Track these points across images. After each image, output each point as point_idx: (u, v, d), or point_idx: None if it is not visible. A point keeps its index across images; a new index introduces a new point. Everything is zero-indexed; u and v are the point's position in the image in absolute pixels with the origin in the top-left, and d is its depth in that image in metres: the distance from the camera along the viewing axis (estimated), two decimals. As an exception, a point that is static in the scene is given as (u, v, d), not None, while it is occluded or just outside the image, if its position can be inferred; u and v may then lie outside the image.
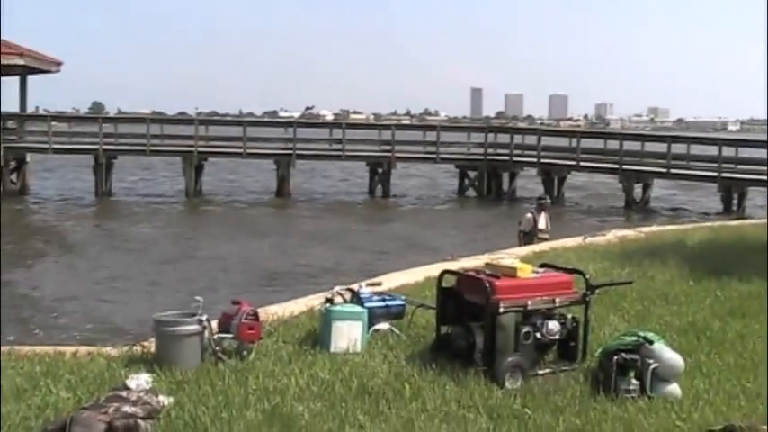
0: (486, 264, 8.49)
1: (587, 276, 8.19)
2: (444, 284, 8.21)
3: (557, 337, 7.80)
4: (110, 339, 10.93)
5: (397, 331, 8.74)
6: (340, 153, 38.22)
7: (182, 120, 53.60)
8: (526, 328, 7.64)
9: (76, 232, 27.09)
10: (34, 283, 18.82)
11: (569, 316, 8.01)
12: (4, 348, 8.43)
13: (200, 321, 7.62)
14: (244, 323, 7.79)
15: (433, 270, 11.83)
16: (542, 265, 8.48)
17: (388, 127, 42.01)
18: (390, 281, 11.13)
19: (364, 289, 9.03)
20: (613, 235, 17.42)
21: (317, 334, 8.52)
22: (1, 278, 17.39)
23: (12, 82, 39.42)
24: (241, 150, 37.68)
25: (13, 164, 36.98)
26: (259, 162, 41.13)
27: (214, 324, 7.89)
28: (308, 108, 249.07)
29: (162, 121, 43.03)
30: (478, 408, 6.77)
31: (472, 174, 39.14)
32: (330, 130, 40.74)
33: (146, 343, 8.31)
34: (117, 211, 33.91)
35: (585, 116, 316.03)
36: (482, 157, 38.50)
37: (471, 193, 38.91)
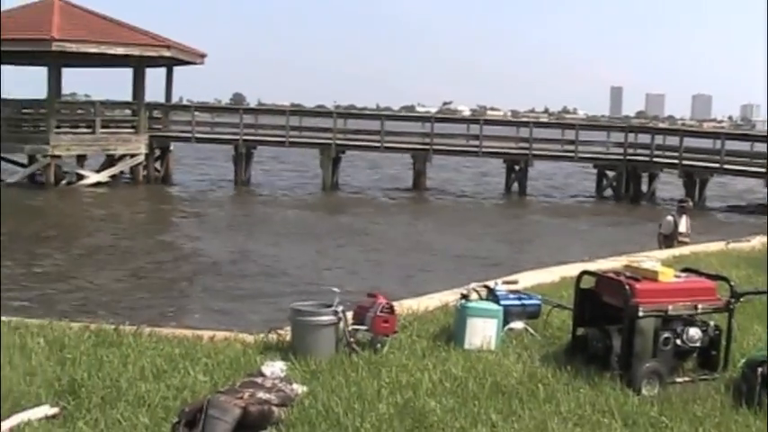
0: (626, 266, 8.31)
1: (732, 283, 7.92)
2: (582, 285, 8.07)
3: (697, 344, 7.57)
4: (244, 326, 11.13)
5: (532, 331, 8.65)
6: (477, 149, 38.04)
7: (320, 112, 54.28)
8: (666, 334, 7.43)
9: (215, 221, 27.72)
10: (173, 266, 19.37)
11: (711, 323, 7.76)
12: (146, 330, 8.69)
13: (335, 312, 7.69)
14: (379, 316, 7.83)
15: (570, 270, 11.66)
16: (684, 270, 8.23)
17: (525, 124, 41.60)
18: (526, 279, 11.00)
19: (500, 286, 8.95)
20: (758, 241, 16.84)
21: (451, 330, 8.49)
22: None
23: (159, 73, 40.72)
24: (378, 144, 37.89)
25: (157, 152, 38.15)
26: (396, 156, 41.46)
27: (349, 315, 7.95)
28: (445, 103, 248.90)
29: (301, 113, 43.70)
30: (613, 413, 6.61)
31: (611, 173, 38.42)
32: (467, 126, 40.58)
33: (281, 331, 8.42)
34: (254, 200, 34.57)
35: (730, 117, 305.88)
36: (621, 157, 37.74)
37: (609, 193, 38.22)
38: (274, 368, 6.83)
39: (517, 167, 38.42)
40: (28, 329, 8.58)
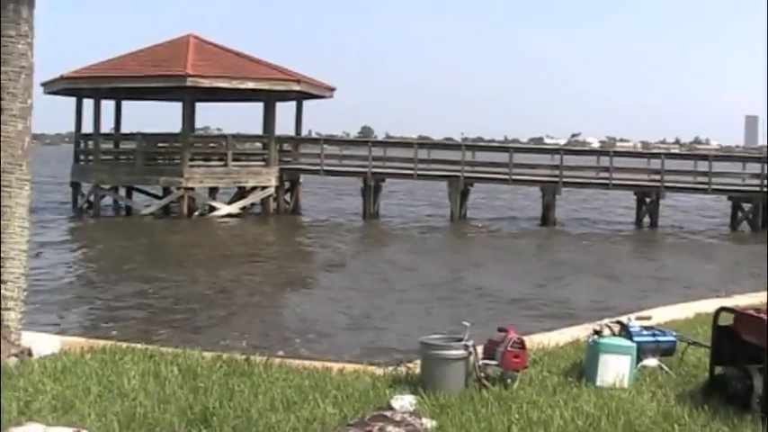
0: None
1: None
2: (720, 322, 7.81)
3: None
4: (374, 358, 11.14)
5: (667, 368, 8.40)
6: (607, 182, 37.44)
7: (448, 145, 54.30)
8: (812, 376, 7.11)
9: (346, 253, 27.92)
10: (304, 298, 19.56)
11: None
12: (276, 360, 8.79)
13: (466, 346, 7.64)
14: (510, 351, 7.73)
15: (705, 306, 11.34)
16: (830, 308, 7.89)
17: (657, 155, 40.80)
18: (660, 315, 10.73)
19: (633, 322, 8.74)
20: None
21: (582, 366, 8.32)
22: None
23: (289, 107, 41.51)
24: (507, 177, 37.65)
25: (287, 184, 38.81)
26: (524, 188, 41.20)
27: (479, 349, 7.88)
28: (573, 135, 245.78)
29: (429, 146, 43.75)
30: (755, 457, 6.36)
31: (746, 206, 37.29)
32: (597, 158, 40.02)
33: (410, 364, 8.40)
34: (384, 232, 34.73)
35: None
36: (758, 189, 36.58)
37: (745, 226, 37.06)
38: (404, 402, 6.81)
39: (648, 200, 37.66)
40: (163, 357, 8.81)
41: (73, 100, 39.94)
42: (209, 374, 8.11)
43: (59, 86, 37.35)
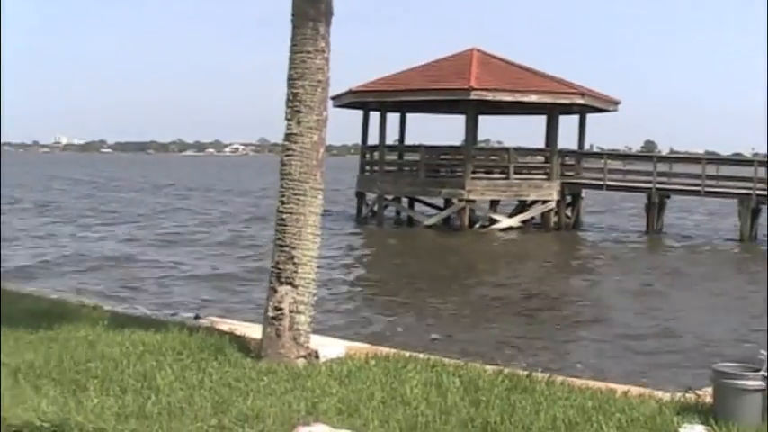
0: None
1: None
2: None
3: None
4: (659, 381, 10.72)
5: None
6: None
7: (738, 160, 51.56)
8: None
9: (629, 270, 27.17)
10: (587, 320, 19.24)
11: None
12: (558, 378, 8.62)
13: (764, 377, 7.15)
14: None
15: None
16: None
17: None
18: None
19: None
20: None
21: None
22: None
23: (571, 120, 41.06)
24: (805, 196, 35.35)
25: (568, 198, 38.39)
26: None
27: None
28: None
29: (717, 162, 41.87)
30: None
31: None
32: None
33: (699, 392, 7.99)
34: (668, 251, 33.44)
35: None
36: None
37: None
38: (694, 432, 6.49)
39: None
40: (444, 368, 8.85)
41: (359, 113, 41.39)
42: (491, 388, 8.06)
43: (347, 100, 38.79)
